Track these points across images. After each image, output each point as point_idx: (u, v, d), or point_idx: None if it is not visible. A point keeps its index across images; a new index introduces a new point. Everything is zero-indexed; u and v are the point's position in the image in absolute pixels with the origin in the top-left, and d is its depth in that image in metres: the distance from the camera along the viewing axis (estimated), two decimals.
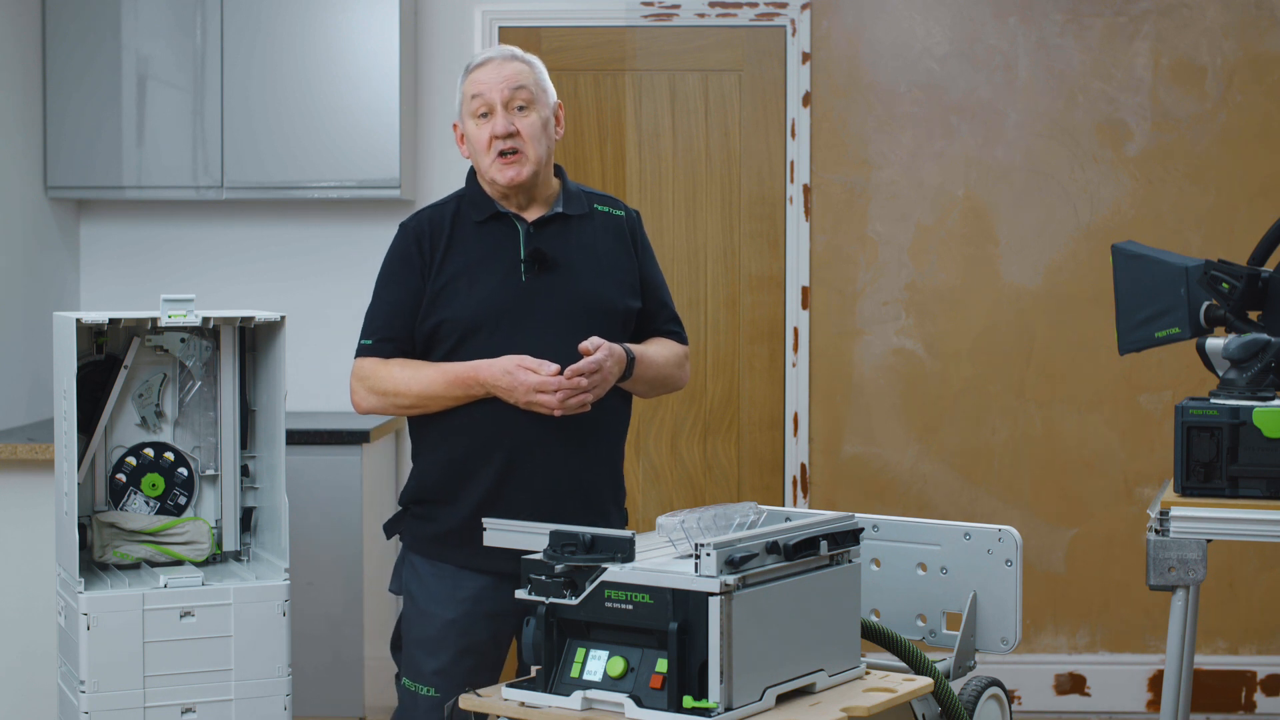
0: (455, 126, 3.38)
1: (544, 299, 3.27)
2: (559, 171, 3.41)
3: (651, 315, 3.43)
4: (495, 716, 2.54)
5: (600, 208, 3.41)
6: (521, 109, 3.28)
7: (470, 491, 3.25)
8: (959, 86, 5.55)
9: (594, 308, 3.29)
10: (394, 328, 3.30)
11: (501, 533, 2.81)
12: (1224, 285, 3.49)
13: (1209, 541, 3.27)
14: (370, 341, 3.32)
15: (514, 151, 3.26)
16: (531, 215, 3.33)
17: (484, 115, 3.28)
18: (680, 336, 3.49)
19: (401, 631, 3.39)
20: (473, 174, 3.38)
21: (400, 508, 3.41)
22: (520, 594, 2.53)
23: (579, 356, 3.20)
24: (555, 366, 3.16)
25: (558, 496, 3.24)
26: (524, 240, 3.30)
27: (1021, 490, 5.58)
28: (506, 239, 3.30)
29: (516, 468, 3.24)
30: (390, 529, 3.43)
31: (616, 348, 3.23)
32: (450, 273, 3.28)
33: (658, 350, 3.39)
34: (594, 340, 3.19)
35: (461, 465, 3.26)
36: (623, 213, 3.43)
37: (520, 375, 3.16)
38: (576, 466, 3.27)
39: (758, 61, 5.59)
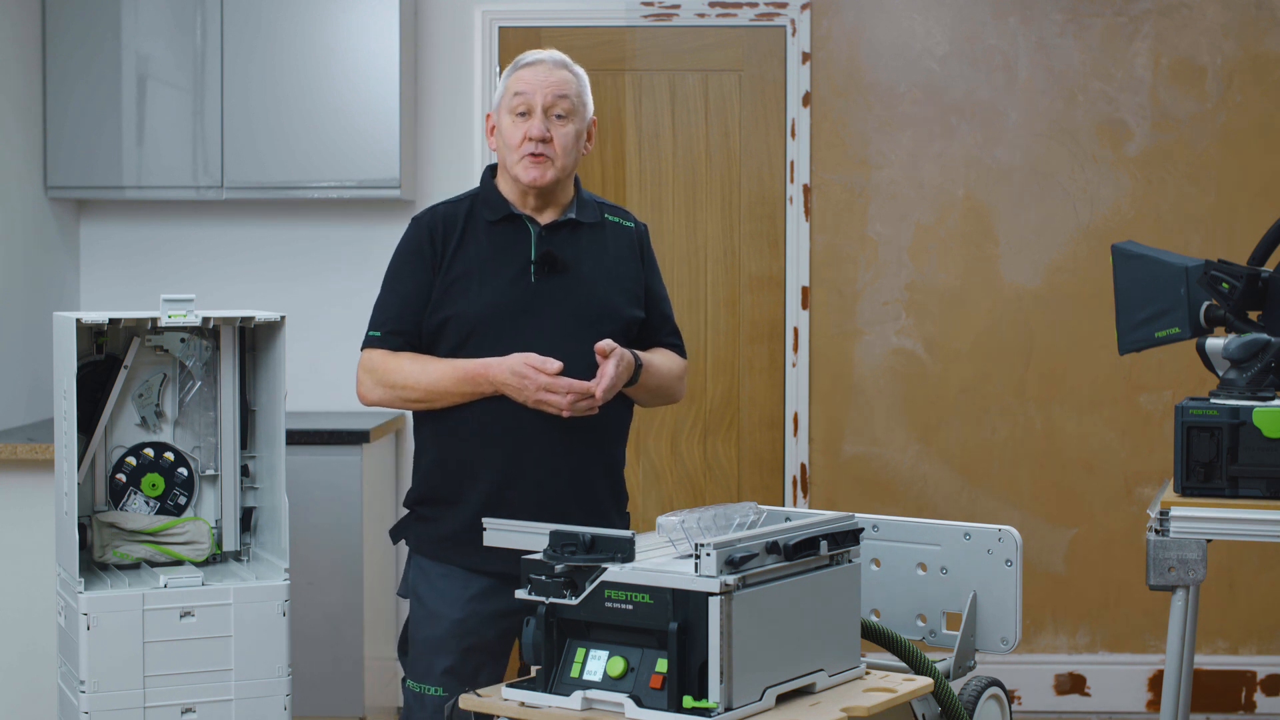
0: (489, 117, 3.39)
1: (552, 301, 3.29)
2: (575, 181, 3.43)
3: (654, 327, 3.46)
4: (496, 716, 2.54)
5: (611, 218, 3.44)
6: (560, 117, 3.29)
7: (473, 492, 3.26)
8: (959, 86, 5.55)
9: (601, 313, 3.31)
10: (403, 320, 3.31)
11: (501, 533, 2.81)
12: (1224, 285, 3.48)
13: (1209, 541, 3.27)
14: (379, 333, 3.32)
15: (543, 155, 3.28)
16: (545, 219, 3.35)
17: (523, 114, 3.29)
18: (681, 350, 3.52)
19: (409, 634, 3.39)
20: (487, 174, 3.40)
21: (406, 510, 3.42)
22: (520, 594, 2.53)
23: (585, 359, 3.22)
24: (559, 364, 3.19)
25: (560, 498, 3.24)
26: (536, 242, 3.31)
27: (1021, 490, 5.58)
28: (518, 240, 3.32)
29: (518, 469, 3.24)
30: (396, 534, 3.44)
31: (626, 353, 3.25)
32: (460, 269, 3.29)
33: (662, 360, 3.42)
34: (608, 342, 3.21)
35: (464, 466, 3.27)
36: (632, 225, 3.47)
37: (530, 375, 3.18)
38: (577, 468, 3.28)
39: (758, 61, 5.58)
